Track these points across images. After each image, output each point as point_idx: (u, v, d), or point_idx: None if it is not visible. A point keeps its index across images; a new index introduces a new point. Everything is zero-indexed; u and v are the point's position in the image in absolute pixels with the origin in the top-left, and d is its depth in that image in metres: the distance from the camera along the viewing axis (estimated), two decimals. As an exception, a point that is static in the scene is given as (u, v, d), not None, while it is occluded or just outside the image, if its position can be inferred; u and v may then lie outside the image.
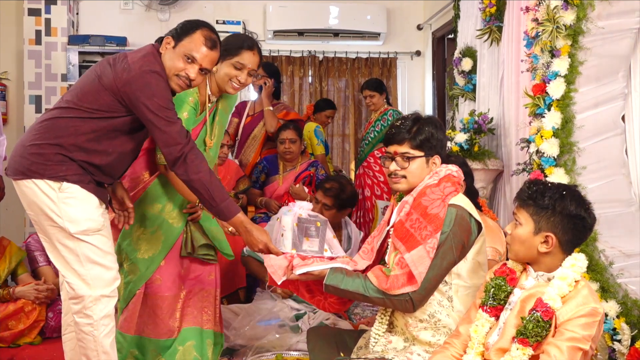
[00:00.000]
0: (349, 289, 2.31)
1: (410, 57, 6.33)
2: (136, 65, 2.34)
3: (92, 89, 2.37)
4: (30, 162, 2.34)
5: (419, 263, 2.20)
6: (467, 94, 4.32)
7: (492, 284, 2.08)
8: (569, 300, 1.90)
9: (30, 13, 5.50)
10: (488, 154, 3.78)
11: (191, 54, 2.43)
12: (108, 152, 2.41)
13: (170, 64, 2.42)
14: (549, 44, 2.84)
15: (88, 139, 2.36)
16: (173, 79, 2.44)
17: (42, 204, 2.35)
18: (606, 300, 2.63)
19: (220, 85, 2.76)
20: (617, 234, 2.78)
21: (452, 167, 2.37)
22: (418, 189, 2.33)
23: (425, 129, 2.38)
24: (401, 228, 2.28)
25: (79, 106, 2.36)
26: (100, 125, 2.37)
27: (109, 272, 2.43)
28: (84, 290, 2.36)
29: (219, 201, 2.38)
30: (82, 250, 2.37)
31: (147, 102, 2.31)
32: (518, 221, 2.02)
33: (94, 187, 2.42)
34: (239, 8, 6.03)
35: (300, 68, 6.10)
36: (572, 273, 1.93)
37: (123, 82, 2.32)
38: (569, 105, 2.83)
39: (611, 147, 2.85)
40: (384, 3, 6.14)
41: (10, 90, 5.73)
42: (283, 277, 2.40)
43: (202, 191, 2.37)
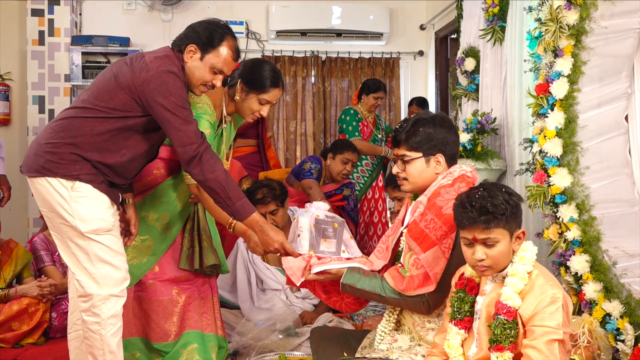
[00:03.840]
0: (366, 289, 2.31)
1: (413, 57, 6.33)
2: (154, 64, 2.36)
3: (108, 88, 2.39)
4: (44, 160, 2.36)
5: (435, 264, 2.20)
6: (470, 94, 4.32)
7: (455, 297, 2.08)
8: (527, 295, 1.90)
9: (33, 13, 5.52)
10: (491, 154, 3.78)
11: (220, 68, 2.47)
12: (122, 153, 2.42)
13: (199, 75, 2.46)
14: (552, 44, 2.84)
15: (103, 139, 2.38)
16: (199, 88, 2.50)
17: (54, 202, 2.36)
18: (610, 300, 2.62)
19: (240, 113, 2.80)
20: (620, 233, 2.78)
21: (466, 168, 2.36)
22: (432, 189, 2.32)
23: (420, 129, 2.37)
24: (416, 228, 2.28)
25: (95, 105, 2.38)
26: (116, 126, 2.38)
27: (119, 272, 2.43)
28: (93, 288, 2.37)
29: (235, 200, 2.39)
30: (93, 249, 2.38)
31: (164, 101, 2.33)
32: (493, 241, 1.96)
33: (106, 187, 2.43)
34: (241, 8, 6.04)
35: (303, 68, 6.10)
36: (522, 267, 1.94)
37: (141, 80, 2.34)
38: (572, 105, 2.83)
39: (614, 147, 2.84)
40: (387, 3, 6.15)
41: (14, 90, 5.75)
42: (302, 278, 2.40)
43: (219, 190, 2.37)
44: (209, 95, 2.74)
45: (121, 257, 2.46)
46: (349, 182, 4.73)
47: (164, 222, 2.79)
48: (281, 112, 6.04)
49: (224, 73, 2.50)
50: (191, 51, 2.46)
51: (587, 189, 2.81)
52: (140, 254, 2.78)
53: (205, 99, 2.72)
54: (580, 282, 2.71)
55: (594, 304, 2.66)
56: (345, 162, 4.57)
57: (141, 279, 2.80)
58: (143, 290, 2.82)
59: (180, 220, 2.85)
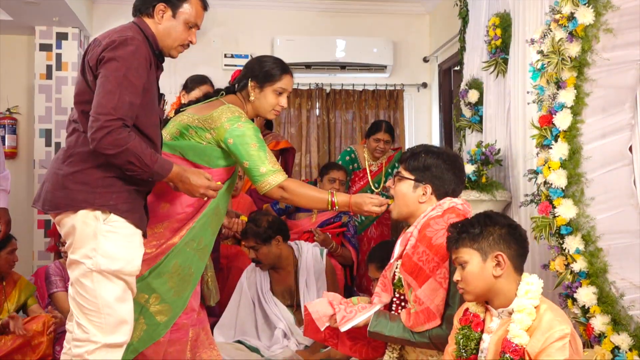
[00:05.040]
0: (394, 335, 2.30)
1: (417, 89, 6.37)
2: (105, 38, 2.28)
3: (84, 90, 2.31)
4: (76, 191, 2.25)
5: (434, 296, 2.19)
6: (474, 125, 4.33)
7: (460, 334, 2.06)
8: (534, 331, 1.89)
9: (41, 48, 5.59)
10: (496, 185, 3.77)
11: (195, 21, 2.42)
12: (145, 135, 2.32)
13: (176, 34, 2.40)
14: (554, 76, 2.85)
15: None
16: (177, 49, 2.43)
17: (79, 235, 2.25)
18: (618, 332, 2.59)
19: (260, 112, 2.78)
20: (627, 265, 2.76)
21: (456, 200, 2.37)
22: (422, 221, 2.33)
23: (422, 156, 2.41)
24: (409, 262, 2.28)
25: (87, 113, 2.25)
26: None
27: (125, 324, 2.29)
28: (96, 336, 2.23)
29: (152, 164, 2.24)
30: (101, 292, 2.23)
31: (107, 64, 2.21)
32: (462, 261, 2.00)
33: (140, 217, 2.34)
34: (247, 41, 6.10)
35: (307, 100, 6.14)
36: (528, 301, 1.92)
37: (95, 56, 2.26)
38: (575, 136, 2.83)
39: (619, 178, 2.84)
40: (390, 36, 6.21)
41: (21, 124, 5.80)
42: (326, 323, 2.40)
43: (134, 160, 2.19)
44: (237, 106, 2.69)
45: (129, 306, 2.33)
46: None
47: (200, 247, 2.67)
48: (286, 144, 6.06)
49: (198, 26, 2.44)
50: (161, 10, 2.38)
51: (592, 220, 2.79)
52: (184, 284, 2.63)
53: (237, 109, 2.66)
54: (588, 315, 2.68)
55: (602, 336, 2.63)
56: (332, 181, 4.54)
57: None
58: (174, 332, 2.65)
59: (210, 244, 2.75)
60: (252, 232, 3.74)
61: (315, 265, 3.91)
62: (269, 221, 3.82)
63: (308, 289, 3.83)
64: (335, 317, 2.39)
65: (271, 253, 3.80)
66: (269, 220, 3.82)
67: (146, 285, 2.57)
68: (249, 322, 3.80)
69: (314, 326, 2.47)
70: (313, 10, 6.22)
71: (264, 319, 3.80)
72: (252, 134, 2.62)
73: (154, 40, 2.40)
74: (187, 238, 2.61)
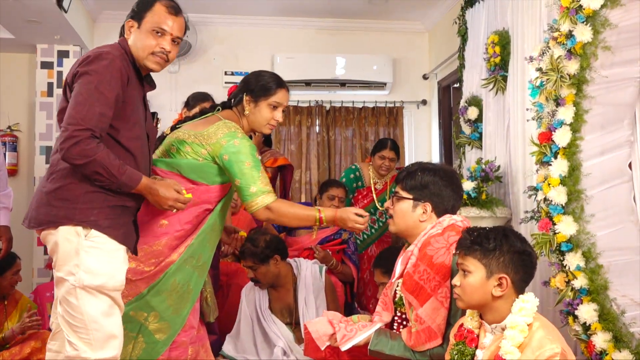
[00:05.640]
0: (395, 354, 2.29)
1: (417, 106, 6.38)
2: (83, 55, 2.33)
3: (66, 107, 2.32)
4: (57, 208, 2.26)
5: (435, 315, 2.18)
6: (474, 142, 4.34)
7: (455, 350, 2.05)
8: (525, 348, 1.88)
9: (42, 66, 5.61)
10: (496, 202, 3.78)
11: (159, 27, 2.42)
12: (125, 148, 2.35)
13: (142, 44, 2.42)
14: (553, 93, 2.87)
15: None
16: (149, 59, 2.43)
17: (62, 252, 2.26)
18: (620, 350, 2.58)
19: (256, 127, 2.78)
20: (628, 281, 2.75)
21: (456, 217, 2.37)
22: (422, 239, 2.33)
23: (418, 174, 2.41)
24: (410, 280, 2.27)
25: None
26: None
27: (113, 338, 2.28)
28: (86, 352, 2.22)
29: (120, 175, 2.25)
30: (86, 308, 2.23)
31: (81, 78, 2.25)
32: (466, 270, 2.00)
33: (124, 233, 2.35)
34: (247, 59, 6.13)
35: (307, 117, 6.16)
36: (521, 318, 1.91)
37: (72, 72, 2.31)
38: (575, 153, 2.84)
39: (619, 195, 2.84)
40: (390, 54, 6.24)
41: (22, 141, 5.82)
42: (327, 342, 2.39)
43: (102, 171, 2.21)
44: (233, 121, 2.70)
45: (117, 321, 2.31)
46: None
47: (199, 263, 2.66)
48: (286, 161, 6.07)
49: (166, 32, 2.43)
50: (130, 26, 2.44)
51: (593, 236, 2.79)
52: (184, 302, 2.62)
53: (234, 125, 2.67)
54: (589, 332, 2.67)
55: (604, 354, 2.62)
56: (331, 198, 4.53)
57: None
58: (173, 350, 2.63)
59: (209, 261, 2.75)
60: (250, 252, 3.74)
61: (314, 282, 3.90)
62: (266, 241, 3.81)
63: (307, 307, 3.82)
64: (335, 336, 2.37)
65: (269, 272, 3.79)
66: (266, 240, 3.81)
67: (145, 303, 2.56)
68: (248, 340, 3.78)
69: (314, 345, 2.46)
70: (313, 28, 6.27)
71: (263, 337, 3.79)
72: (248, 151, 2.62)
73: (132, 57, 2.44)
74: (185, 255, 2.60)
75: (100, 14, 5.85)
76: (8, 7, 4.58)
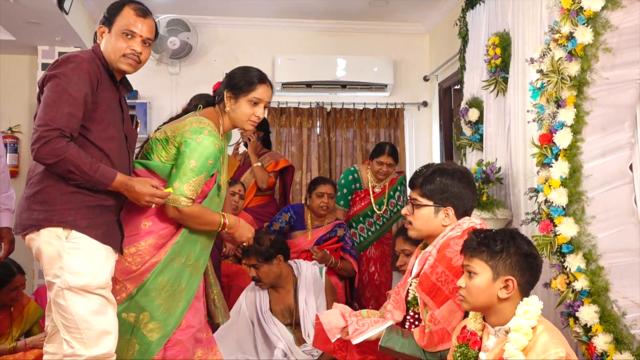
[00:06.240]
0: (405, 352, 2.28)
1: (417, 107, 6.38)
2: (54, 62, 2.37)
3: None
4: (37, 211, 2.31)
5: (451, 318, 2.17)
6: (475, 143, 4.34)
7: (458, 352, 2.04)
8: (529, 351, 1.87)
9: (43, 68, 5.61)
10: (497, 203, 3.77)
11: (129, 29, 2.47)
12: (99, 148, 2.37)
13: (112, 47, 2.46)
14: (554, 95, 2.87)
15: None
16: (121, 61, 2.47)
17: (46, 256, 2.30)
18: (621, 352, 2.58)
19: (237, 123, 2.77)
20: (629, 283, 2.75)
21: (475, 220, 2.36)
22: (441, 241, 2.32)
23: (437, 179, 2.38)
24: (427, 281, 2.26)
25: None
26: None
27: (107, 334, 2.32)
28: (80, 350, 2.27)
29: (93, 173, 2.28)
30: (75, 308, 2.27)
31: (49, 81, 2.30)
32: (472, 271, 2.00)
33: (104, 233, 2.37)
34: (248, 60, 6.05)
35: (308, 119, 6.16)
36: (525, 321, 1.91)
37: (42, 78, 2.35)
38: (576, 154, 2.84)
39: (620, 196, 2.84)
40: (391, 55, 6.24)
41: (22, 143, 5.82)
42: (338, 335, 2.39)
43: (73, 169, 2.24)
44: (209, 118, 2.69)
45: (109, 318, 2.35)
46: (339, 222, 4.69)
47: (190, 262, 2.66)
48: (287, 162, 6.07)
49: (136, 34, 2.48)
50: (102, 32, 2.49)
51: (593, 238, 2.79)
52: (175, 301, 2.62)
53: (207, 122, 2.66)
54: (590, 334, 2.67)
55: (605, 355, 2.61)
56: (320, 195, 4.54)
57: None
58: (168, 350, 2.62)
59: (203, 259, 2.74)
60: (255, 250, 3.74)
61: (315, 283, 3.90)
62: (271, 240, 3.82)
63: (308, 307, 3.82)
64: (347, 330, 2.37)
65: (272, 272, 3.80)
66: (271, 239, 3.83)
67: (135, 303, 2.57)
68: (247, 342, 3.78)
69: (324, 336, 2.46)
70: (314, 29, 6.27)
71: (263, 339, 3.79)
72: (203, 153, 2.58)
73: (105, 61, 2.48)
74: (171, 253, 2.61)
75: (101, 15, 5.84)
76: (9, 9, 4.58)
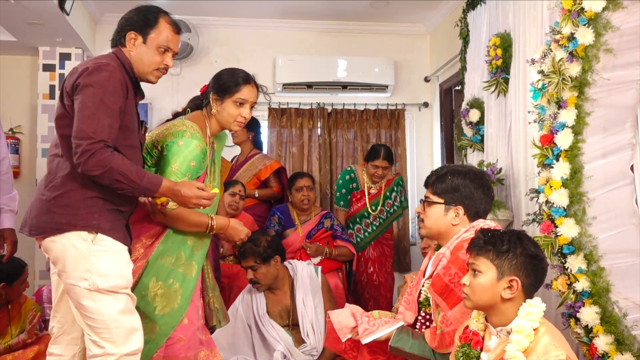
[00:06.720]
0: (415, 353, 2.29)
1: (418, 108, 6.38)
2: (82, 65, 2.36)
3: (63, 114, 2.36)
4: (59, 215, 2.30)
5: (463, 319, 2.18)
6: (475, 144, 4.34)
7: (460, 352, 2.04)
8: (530, 353, 1.87)
9: (44, 69, 5.62)
10: (498, 204, 3.77)
11: (167, 45, 2.48)
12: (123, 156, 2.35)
13: (148, 59, 2.46)
14: (555, 96, 2.87)
15: None
16: (153, 74, 2.49)
17: (70, 259, 2.29)
18: (622, 353, 2.57)
19: (224, 125, 2.77)
20: (630, 284, 2.75)
21: (489, 223, 2.37)
22: (455, 242, 2.32)
23: (449, 178, 2.40)
24: (440, 282, 2.27)
25: (66, 137, 2.32)
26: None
27: (135, 331, 2.35)
28: (111, 349, 2.29)
29: (139, 180, 2.29)
30: (105, 309, 2.29)
31: (84, 90, 2.27)
32: (477, 270, 2.00)
33: (124, 235, 2.40)
34: (248, 62, 6.13)
35: (309, 120, 6.16)
36: (527, 323, 1.91)
37: (71, 82, 2.33)
38: (577, 155, 2.84)
39: (621, 197, 2.84)
40: (392, 56, 6.24)
41: (24, 143, 5.83)
42: (348, 335, 2.40)
43: (121, 178, 2.25)
44: (193, 121, 2.69)
45: (135, 316, 2.39)
46: (325, 212, 4.74)
47: (181, 262, 2.67)
48: (288, 163, 6.07)
49: (172, 50, 2.50)
50: (132, 39, 2.46)
51: (594, 239, 2.79)
52: (170, 300, 2.62)
53: (190, 125, 2.66)
54: (591, 335, 2.67)
55: (606, 356, 2.61)
56: (299, 189, 4.62)
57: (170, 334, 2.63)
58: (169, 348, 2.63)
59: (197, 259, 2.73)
60: (252, 252, 3.75)
61: (311, 283, 3.91)
62: (268, 241, 3.83)
63: (305, 307, 3.83)
64: (357, 330, 2.38)
65: (270, 273, 3.81)
66: (267, 240, 3.83)
67: None
68: (244, 345, 3.78)
69: (335, 335, 2.47)
70: (314, 30, 6.27)
71: (261, 342, 3.79)
72: (185, 154, 2.58)
73: (130, 68, 2.48)
74: (157, 253, 2.62)
75: (102, 17, 5.85)
76: (9, 10, 4.59)
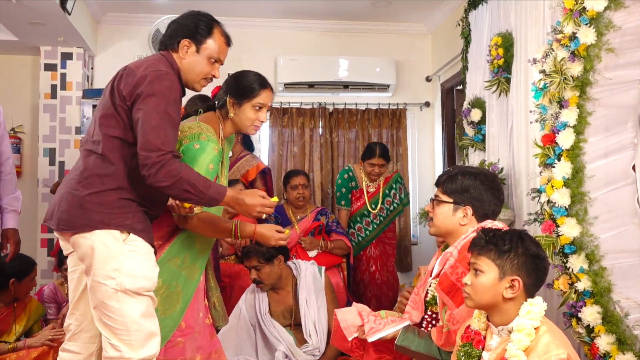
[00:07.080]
0: (421, 352, 2.30)
1: (420, 108, 6.38)
2: (140, 69, 2.33)
3: (111, 114, 2.34)
4: (94, 212, 2.28)
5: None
6: (477, 144, 4.34)
7: (462, 351, 2.05)
8: (531, 352, 1.87)
9: (46, 68, 5.63)
10: (499, 204, 3.77)
11: (219, 57, 2.50)
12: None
13: (199, 69, 2.46)
14: (557, 95, 2.86)
15: (135, 165, 2.30)
16: (200, 82, 2.50)
17: (99, 256, 2.27)
18: (623, 352, 2.57)
19: (240, 128, 2.76)
20: (632, 284, 2.74)
21: (497, 224, 2.38)
22: (462, 242, 2.33)
23: (460, 178, 2.43)
24: (447, 281, 2.28)
25: (108, 136, 2.32)
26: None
27: (153, 336, 2.34)
28: (128, 352, 2.27)
29: (206, 190, 2.31)
30: (127, 310, 2.27)
31: (146, 99, 2.26)
32: (479, 269, 2.01)
33: (151, 237, 2.41)
34: (250, 61, 6.11)
35: (310, 119, 6.16)
36: (528, 322, 1.91)
37: (130, 87, 2.30)
38: (578, 155, 2.84)
39: (622, 197, 2.83)
40: (393, 56, 6.24)
41: (25, 143, 5.83)
42: (355, 333, 2.41)
43: (189, 188, 2.27)
44: (207, 123, 2.68)
45: (155, 320, 2.38)
46: (320, 209, 4.78)
47: (186, 264, 2.66)
48: (289, 163, 6.07)
49: (221, 61, 2.51)
50: (186, 46, 2.45)
51: (596, 239, 2.79)
52: (172, 303, 2.61)
53: (205, 127, 2.64)
54: (593, 334, 2.67)
55: (607, 356, 2.61)
56: (294, 187, 4.68)
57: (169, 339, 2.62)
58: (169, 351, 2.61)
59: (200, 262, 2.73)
60: (256, 251, 3.75)
61: (314, 283, 3.92)
62: None
63: (308, 307, 3.84)
64: (363, 328, 2.39)
65: (274, 273, 3.81)
66: None
67: None
68: (247, 345, 3.79)
69: (341, 334, 2.49)
70: (316, 30, 6.27)
71: (263, 342, 3.80)
72: (202, 158, 2.55)
73: (179, 75, 2.46)
74: (167, 255, 2.61)
75: (103, 16, 5.85)
76: (11, 9, 4.59)
